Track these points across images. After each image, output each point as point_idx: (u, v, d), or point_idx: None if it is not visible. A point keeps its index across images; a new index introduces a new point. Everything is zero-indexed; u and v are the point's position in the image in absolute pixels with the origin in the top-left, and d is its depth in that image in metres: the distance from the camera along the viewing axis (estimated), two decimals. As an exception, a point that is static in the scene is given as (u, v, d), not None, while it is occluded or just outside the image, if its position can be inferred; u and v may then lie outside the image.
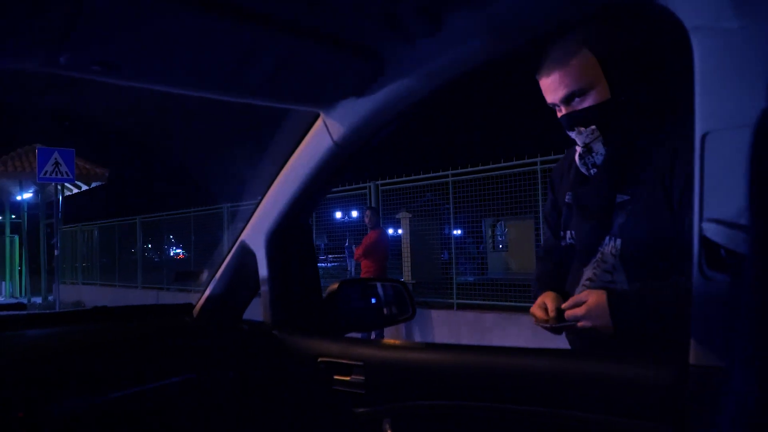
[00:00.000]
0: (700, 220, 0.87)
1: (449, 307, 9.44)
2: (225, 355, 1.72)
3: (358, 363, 1.58)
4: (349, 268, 17.27)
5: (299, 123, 1.74)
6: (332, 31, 1.28)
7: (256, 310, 1.92)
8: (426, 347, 1.57)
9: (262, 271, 1.84)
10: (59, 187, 15.51)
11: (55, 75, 1.30)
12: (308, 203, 1.84)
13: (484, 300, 9.08)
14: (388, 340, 1.78)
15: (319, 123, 1.65)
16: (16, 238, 22.93)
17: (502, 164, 8.91)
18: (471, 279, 11.09)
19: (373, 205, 10.49)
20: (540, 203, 8.59)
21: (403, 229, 11.97)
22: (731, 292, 0.83)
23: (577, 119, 1.57)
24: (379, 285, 2.06)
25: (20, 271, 22.71)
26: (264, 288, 1.84)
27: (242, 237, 1.87)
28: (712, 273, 0.87)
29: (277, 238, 1.83)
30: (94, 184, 20.58)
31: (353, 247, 15.34)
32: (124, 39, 1.17)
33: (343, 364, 1.62)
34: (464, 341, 7.89)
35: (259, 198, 1.85)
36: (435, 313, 9.36)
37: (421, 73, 1.42)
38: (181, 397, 1.55)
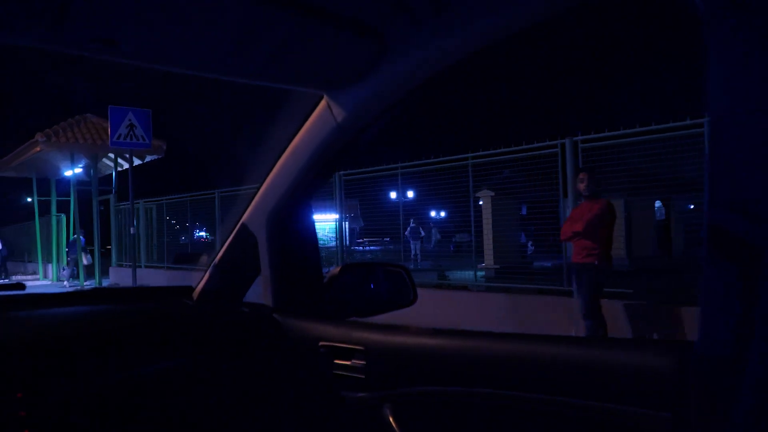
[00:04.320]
0: (711, 206, 0.90)
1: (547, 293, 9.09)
2: (224, 337, 1.80)
3: (359, 347, 1.66)
4: (413, 252, 16.97)
5: (302, 105, 1.81)
6: (336, 10, 1.34)
7: (258, 294, 2.00)
8: (428, 332, 1.61)
9: (263, 253, 1.94)
10: (132, 156, 14.34)
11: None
12: (311, 186, 1.92)
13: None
14: (389, 324, 1.79)
15: (323, 105, 1.73)
16: (63, 217, 22.98)
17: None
18: (548, 264, 10.97)
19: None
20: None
21: (484, 208, 11.58)
22: (741, 282, 0.87)
23: None
24: (381, 270, 2.14)
25: (67, 253, 22.09)
26: (265, 271, 1.94)
27: (243, 219, 1.98)
28: (720, 261, 0.90)
29: (278, 221, 1.93)
30: (149, 158, 19.98)
31: (420, 228, 14.59)
32: (123, 15, 1.24)
33: (344, 349, 1.70)
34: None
35: (261, 180, 1.93)
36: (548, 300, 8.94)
37: (426, 53, 1.48)
38: (175, 380, 1.63)
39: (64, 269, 20.87)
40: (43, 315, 1.69)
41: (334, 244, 16.17)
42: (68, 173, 21.46)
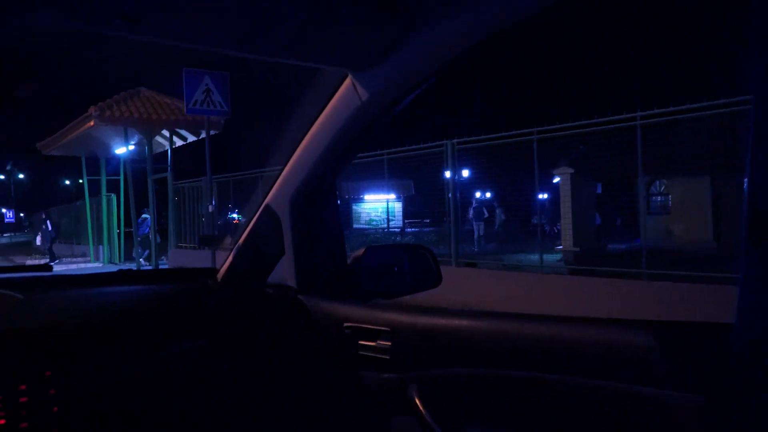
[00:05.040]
0: (751, 188, 0.91)
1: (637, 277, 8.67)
2: (249, 318, 1.87)
3: (385, 328, 1.72)
4: (477, 233, 16.22)
5: (326, 83, 1.83)
6: None
7: (282, 275, 2.06)
8: (454, 313, 1.64)
9: (287, 234, 2.00)
10: (208, 126, 12.78)
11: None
12: (335, 166, 1.96)
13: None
14: (415, 306, 1.75)
15: (347, 83, 1.75)
16: (114, 197, 22.66)
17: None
18: (623, 246, 10.71)
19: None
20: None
21: (562, 187, 11.16)
22: None
23: None
24: (404, 251, 2.18)
25: (119, 234, 22.52)
26: (288, 252, 2.01)
27: (267, 200, 2.04)
28: (760, 243, 0.91)
29: (302, 202, 1.98)
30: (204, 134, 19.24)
31: (483, 209, 13.70)
32: None
33: (369, 330, 1.75)
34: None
35: (285, 161, 1.99)
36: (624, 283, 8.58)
37: (454, 27, 1.48)
38: (205, 360, 1.68)
39: (138, 249, 20.53)
40: (70, 296, 1.78)
41: (385, 226, 15.94)
42: (119, 151, 21.10)
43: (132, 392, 1.51)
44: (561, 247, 10.96)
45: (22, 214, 69.68)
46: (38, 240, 22.63)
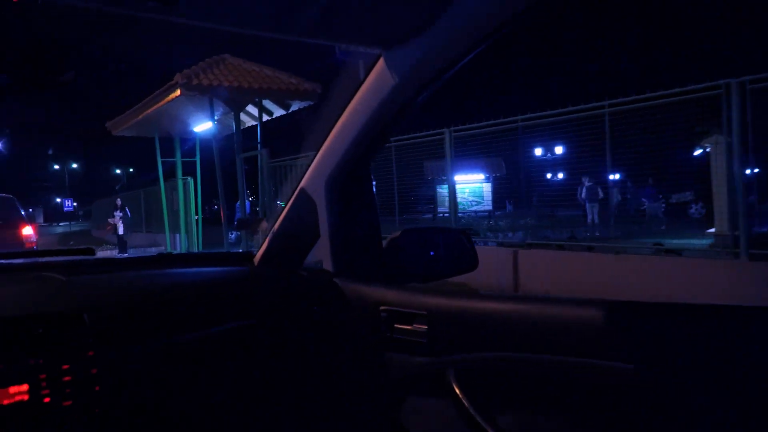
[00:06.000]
0: None
1: None
2: (285, 301, 1.95)
3: (422, 312, 1.77)
4: (590, 216, 15.45)
5: (359, 65, 2.01)
6: None
7: (317, 258, 2.14)
8: (492, 297, 1.69)
9: (323, 218, 2.07)
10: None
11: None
12: (369, 148, 2.01)
13: None
14: (452, 289, 1.80)
15: (380, 64, 1.80)
16: (191, 180, 21.07)
17: None
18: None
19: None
20: None
21: (715, 159, 9.51)
22: None
23: None
24: (441, 234, 2.23)
25: (197, 221, 21.05)
26: (324, 235, 2.08)
27: (302, 184, 2.12)
28: None
29: (336, 185, 2.04)
30: (296, 106, 17.45)
31: (598, 188, 13.31)
32: None
33: (406, 313, 1.81)
34: None
35: (320, 144, 2.08)
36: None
37: (491, 3, 1.50)
38: (241, 342, 1.74)
39: (231, 234, 19.65)
40: (113, 278, 1.86)
41: (472, 210, 15.39)
42: (201, 127, 19.76)
43: (173, 373, 1.59)
44: (713, 230, 9.67)
45: (75, 203, 70.73)
46: (120, 228, 21.02)
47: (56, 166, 76.37)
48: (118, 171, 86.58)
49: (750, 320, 1.28)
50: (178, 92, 15.95)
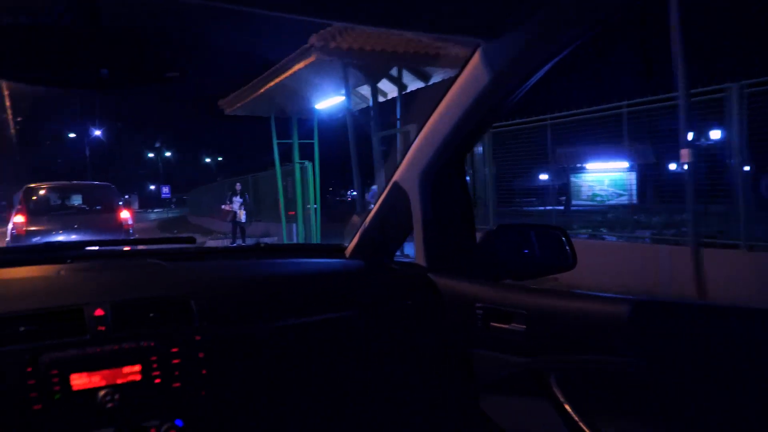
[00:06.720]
0: None
1: None
2: (380, 294, 1.97)
3: (521, 311, 1.75)
4: None
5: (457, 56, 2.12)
6: None
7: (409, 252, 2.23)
8: (593, 298, 1.65)
9: (416, 211, 2.06)
10: None
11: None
12: (464, 142, 2.00)
13: None
14: (551, 289, 1.73)
15: (478, 55, 1.76)
16: (309, 165, 19.42)
17: None
18: None
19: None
20: None
21: None
22: None
23: None
24: (538, 231, 2.19)
25: (316, 210, 19.51)
26: (417, 229, 2.07)
27: (396, 178, 2.13)
28: None
29: (430, 178, 2.04)
30: (438, 77, 15.06)
31: None
32: None
33: (503, 311, 1.79)
34: None
35: (415, 136, 2.10)
36: None
37: None
38: (341, 331, 1.79)
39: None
40: (216, 266, 1.94)
41: (614, 201, 13.88)
42: (321, 105, 17.60)
43: (277, 358, 1.65)
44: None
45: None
46: (243, 215, 19.19)
47: (150, 155, 78.00)
48: (207, 160, 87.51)
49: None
50: (312, 58, 13.73)
